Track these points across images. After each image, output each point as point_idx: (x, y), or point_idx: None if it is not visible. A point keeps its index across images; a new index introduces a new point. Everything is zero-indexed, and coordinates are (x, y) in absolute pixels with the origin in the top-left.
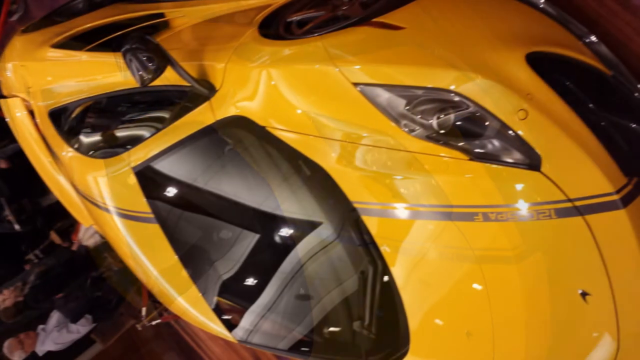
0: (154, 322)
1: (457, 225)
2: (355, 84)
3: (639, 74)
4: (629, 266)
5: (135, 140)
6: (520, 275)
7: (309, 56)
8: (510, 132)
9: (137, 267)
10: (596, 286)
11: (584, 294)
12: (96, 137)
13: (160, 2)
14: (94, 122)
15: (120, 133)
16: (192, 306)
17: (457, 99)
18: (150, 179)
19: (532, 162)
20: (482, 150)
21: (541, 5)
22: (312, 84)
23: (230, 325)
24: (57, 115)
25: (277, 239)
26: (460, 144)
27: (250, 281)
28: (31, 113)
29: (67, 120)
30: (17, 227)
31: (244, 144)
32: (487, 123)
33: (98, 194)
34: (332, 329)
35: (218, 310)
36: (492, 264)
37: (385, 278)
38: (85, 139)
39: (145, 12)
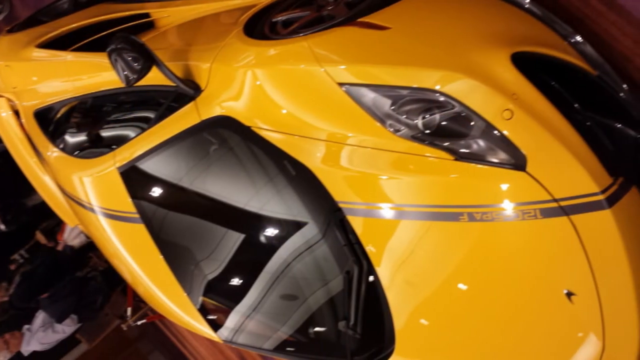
0: (139, 322)
1: (442, 225)
2: (341, 84)
3: (624, 74)
4: (615, 266)
5: (121, 140)
6: (505, 275)
7: (294, 56)
8: (496, 132)
9: (123, 267)
10: (581, 286)
11: (569, 294)
12: (81, 137)
13: (145, 2)
14: (79, 122)
15: (105, 133)
16: (177, 306)
17: (442, 99)
18: (135, 179)
19: (518, 162)
20: (467, 150)
21: (526, 5)
22: (297, 84)
23: (216, 325)
24: (43, 115)
25: (262, 239)
26: (446, 144)
27: (236, 281)
28: (16, 113)
29: (53, 120)
30: (2, 227)
31: (229, 144)
32: (472, 123)
33: (83, 194)
34: (317, 329)
35: (203, 310)
36: (477, 264)
37: (371, 278)
38: (71, 139)
39: (130, 12)
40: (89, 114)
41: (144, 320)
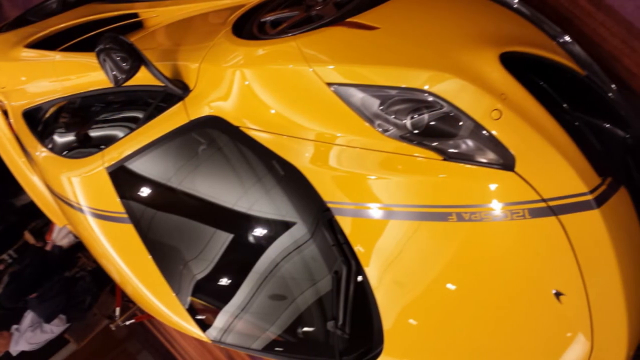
0: (127, 322)
1: (431, 225)
2: (329, 84)
3: (613, 74)
4: (603, 266)
5: (109, 140)
6: (494, 275)
7: (282, 56)
8: (484, 132)
9: (111, 267)
10: (570, 286)
11: (557, 294)
12: (70, 137)
13: (134, 2)
14: (67, 122)
15: (94, 133)
16: (165, 306)
17: (430, 99)
18: (123, 179)
19: (506, 162)
20: (456, 150)
21: (515, 5)
22: (285, 84)
23: (204, 325)
24: (31, 115)
25: (250, 238)
26: (434, 144)
27: (224, 281)
28: (5, 113)
29: (41, 120)
30: None
31: (218, 144)
32: (461, 123)
33: (72, 194)
34: (305, 328)
35: (192, 310)
36: (466, 264)
37: (359, 278)
38: (59, 139)
39: (119, 12)
40: (77, 114)
41: (132, 320)
